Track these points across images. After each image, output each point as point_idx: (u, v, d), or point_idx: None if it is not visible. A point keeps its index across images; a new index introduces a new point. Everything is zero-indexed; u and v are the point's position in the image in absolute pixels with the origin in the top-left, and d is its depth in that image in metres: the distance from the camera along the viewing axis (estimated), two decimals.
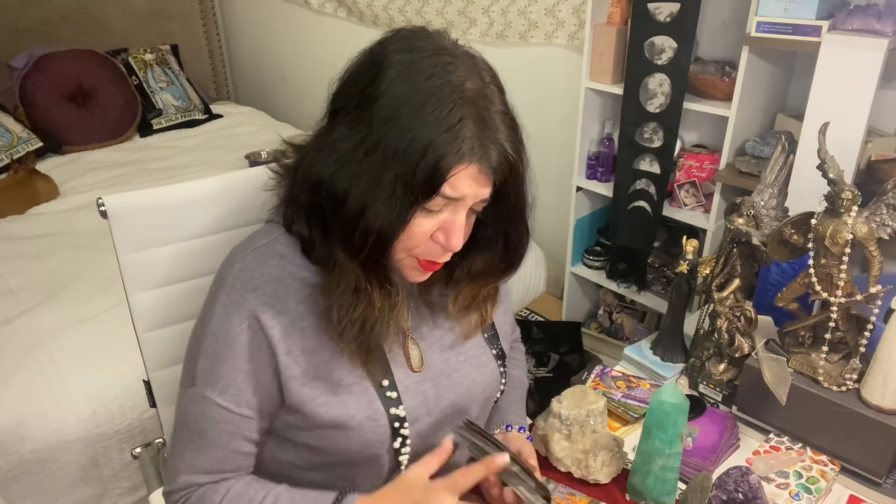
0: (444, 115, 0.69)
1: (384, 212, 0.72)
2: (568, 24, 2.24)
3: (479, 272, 0.88)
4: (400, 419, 0.85)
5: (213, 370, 0.80)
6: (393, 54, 0.73)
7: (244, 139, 3.09)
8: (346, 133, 0.74)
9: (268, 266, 0.81)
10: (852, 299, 1.01)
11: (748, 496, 0.88)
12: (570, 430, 1.00)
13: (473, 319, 0.92)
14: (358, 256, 0.75)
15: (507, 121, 0.74)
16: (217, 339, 0.80)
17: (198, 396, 0.81)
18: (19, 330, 1.71)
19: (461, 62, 0.73)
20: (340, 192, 0.73)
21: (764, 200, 1.16)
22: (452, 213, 0.75)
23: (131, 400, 1.60)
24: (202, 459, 0.83)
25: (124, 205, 0.95)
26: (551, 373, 2.10)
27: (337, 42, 3.16)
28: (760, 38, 1.55)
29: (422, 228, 0.75)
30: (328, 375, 0.82)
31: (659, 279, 2.14)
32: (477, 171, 0.72)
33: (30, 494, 1.53)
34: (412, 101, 0.70)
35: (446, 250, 0.78)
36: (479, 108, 0.71)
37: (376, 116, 0.71)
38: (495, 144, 0.72)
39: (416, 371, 0.88)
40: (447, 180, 0.71)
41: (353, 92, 0.75)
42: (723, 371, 1.18)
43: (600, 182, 2.13)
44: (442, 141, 0.69)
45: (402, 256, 0.79)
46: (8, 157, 2.62)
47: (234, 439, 0.82)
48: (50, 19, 3.13)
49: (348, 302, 0.77)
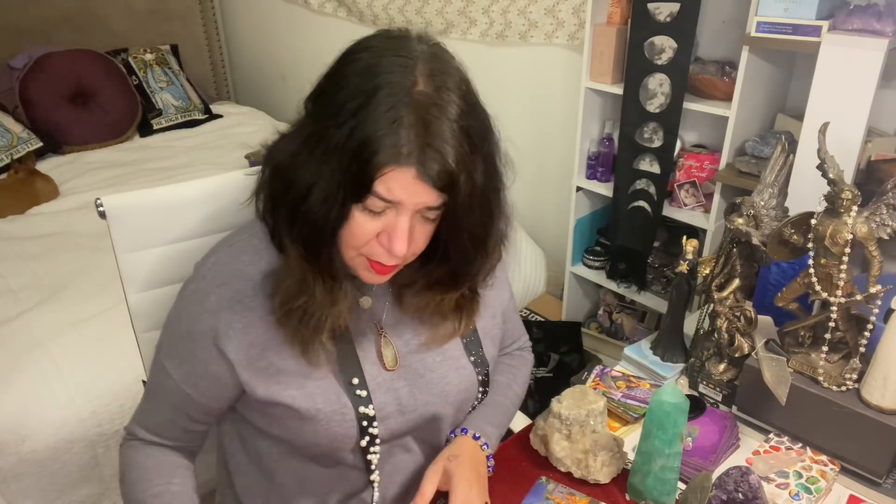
0: (385, 113, 0.68)
1: (320, 204, 0.72)
2: (568, 24, 2.24)
3: (433, 283, 0.87)
4: (368, 418, 0.85)
5: (172, 345, 0.86)
6: (357, 52, 0.75)
7: (244, 139, 3.08)
8: (305, 122, 0.76)
9: (240, 262, 0.83)
10: (852, 299, 1.01)
11: (748, 496, 0.88)
12: (570, 430, 1.00)
13: (447, 326, 0.90)
14: (300, 244, 0.76)
15: (458, 133, 0.71)
16: (180, 319, 0.85)
17: (159, 362, 0.88)
18: (19, 330, 1.71)
19: (423, 64, 0.71)
20: (290, 179, 0.75)
21: (764, 200, 1.16)
22: (395, 216, 0.74)
23: (131, 400, 1.60)
24: (148, 418, 0.92)
25: (123, 205, 0.95)
26: (551, 373, 2.10)
27: (337, 42, 3.12)
28: (760, 38, 1.55)
29: (364, 228, 0.74)
30: (296, 369, 0.83)
31: (659, 279, 2.14)
32: (413, 175, 0.70)
33: (30, 494, 1.53)
34: (361, 97, 0.69)
35: (390, 254, 0.76)
36: (426, 113, 0.69)
37: (328, 109, 0.72)
38: (435, 153, 0.69)
39: (389, 370, 0.88)
40: (378, 179, 0.69)
41: (322, 84, 0.77)
42: (723, 371, 1.18)
43: (600, 182, 2.13)
44: (378, 138, 0.68)
45: (353, 255, 0.78)
46: (8, 157, 2.62)
47: (176, 412, 0.88)
48: (50, 19, 3.13)
49: (292, 290, 0.78)
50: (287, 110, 4.05)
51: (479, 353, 0.96)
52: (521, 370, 1.10)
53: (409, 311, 0.90)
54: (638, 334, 2.27)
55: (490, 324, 0.98)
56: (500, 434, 1.01)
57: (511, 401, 1.05)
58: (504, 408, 1.03)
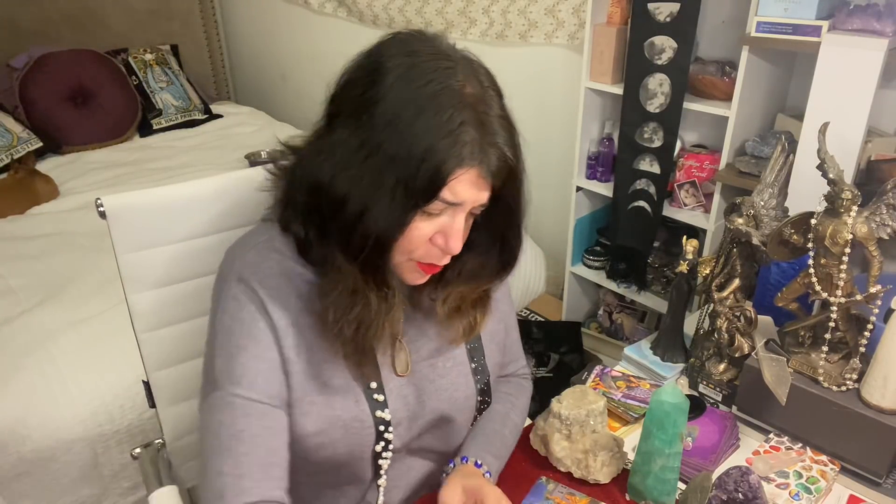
0: (445, 120, 0.69)
1: (384, 215, 0.71)
2: (568, 24, 2.24)
3: (471, 274, 0.87)
4: (385, 422, 0.85)
5: (233, 365, 0.77)
6: (392, 58, 0.73)
7: (244, 139, 3.09)
8: (346, 136, 0.73)
9: (270, 260, 0.81)
10: (852, 299, 1.01)
11: (748, 496, 0.88)
12: (570, 430, 1.00)
13: (462, 325, 0.89)
14: (357, 259, 0.75)
15: (506, 125, 0.74)
16: (233, 332, 0.78)
17: (224, 399, 0.76)
18: (19, 330, 1.71)
19: (460, 66, 0.73)
20: (340, 195, 0.73)
21: (764, 200, 1.16)
22: (451, 216, 0.75)
23: (131, 400, 1.60)
24: (246, 467, 0.74)
25: (123, 205, 0.95)
26: (551, 373, 2.10)
27: (337, 42, 3.16)
28: (760, 38, 1.55)
29: (421, 232, 0.75)
30: (319, 374, 0.82)
31: (659, 279, 2.14)
32: (476, 175, 0.72)
33: (30, 494, 1.53)
34: (412, 106, 0.70)
35: (445, 253, 0.78)
36: (478, 112, 0.71)
37: (377, 120, 0.71)
38: (494, 148, 0.72)
39: (400, 375, 0.88)
40: (447, 185, 0.71)
41: (352, 95, 0.75)
42: (723, 371, 1.18)
43: (600, 182, 2.13)
44: (442, 145, 0.69)
45: (402, 260, 0.79)
46: (8, 157, 2.62)
47: (273, 436, 0.77)
48: (50, 19, 3.13)
49: (345, 303, 0.77)
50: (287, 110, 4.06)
51: (480, 361, 0.95)
52: (519, 399, 1.06)
53: (423, 314, 0.90)
54: (638, 334, 2.27)
55: (496, 328, 0.98)
56: (501, 466, 0.97)
57: (510, 430, 1.01)
58: (502, 438, 0.99)
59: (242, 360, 0.77)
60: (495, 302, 0.95)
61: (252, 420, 0.76)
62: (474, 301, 0.89)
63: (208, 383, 0.80)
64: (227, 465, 0.74)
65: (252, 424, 0.76)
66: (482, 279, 0.88)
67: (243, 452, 0.75)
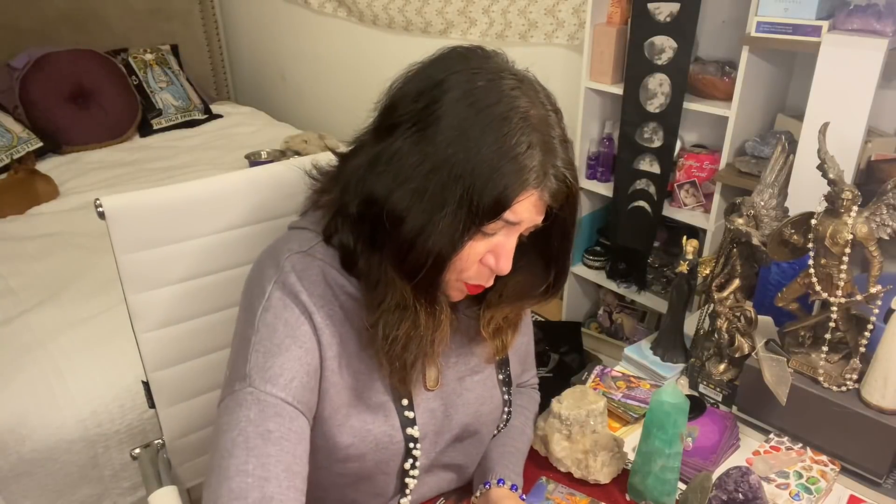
0: (513, 143, 0.69)
1: (444, 233, 0.70)
2: (568, 24, 2.24)
3: (518, 294, 0.87)
4: (414, 439, 0.84)
5: (271, 363, 0.74)
6: (454, 74, 0.72)
7: (244, 139, 3.09)
8: (407, 150, 0.71)
9: (314, 267, 0.78)
10: (852, 299, 1.01)
11: (748, 496, 0.88)
12: (570, 430, 1.00)
13: (495, 345, 0.89)
14: (411, 275, 0.73)
15: (566, 147, 0.74)
16: (276, 330, 0.75)
17: (255, 395, 0.72)
18: (19, 330, 1.71)
19: (525, 88, 0.73)
20: (399, 209, 0.71)
21: (764, 200, 1.16)
22: (506, 236, 0.75)
23: (131, 400, 1.60)
24: (272, 470, 0.69)
25: (122, 206, 0.95)
26: (551, 373, 2.10)
27: (337, 42, 3.16)
28: (760, 38, 1.55)
29: (475, 251, 0.74)
30: (356, 387, 0.81)
31: (659, 279, 2.14)
32: (538, 198, 0.72)
33: (30, 494, 1.53)
34: (479, 125, 0.69)
35: (494, 273, 0.77)
36: (543, 135, 0.71)
37: (441, 136, 0.69)
38: (556, 171, 0.72)
39: (429, 389, 0.87)
40: (511, 207, 0.70)
41: (413, 109, 0.72)
42: (723, 371, 1.18)
43: (600, 182, 2.13)
44: (509, 168, 0.69)
45: (452, 278, 0.78)
46: (8, 157, 2.62)
47: (300, 441, 0.74)
48: (50, 19, 3.13)
49: (394, 319, 0.76)
50: (287, 110, 4.05)
51: (506, 372, 0.96)
52: (531, 411, 1.07)
53: (456, 330, 0.88)
54: (638, 334, 2.27)
55: (519, 342, 0.98)
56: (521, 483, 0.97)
57: (526, 446, 1.02)
58: (523, 454, 1.01)
59: (281, 361, 0.74)
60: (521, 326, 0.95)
61: (283, 422, 0.72)
62: (512, 321, 0.89)
63: (237, 379, 0.75)
64: (251, 465, 0.69)
65: (282, 426, 0.72)
66: (528, 299, 0.88)
67: (271, 454, 0.70)
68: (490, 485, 0.91)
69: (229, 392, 0.74)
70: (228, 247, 1.04)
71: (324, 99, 3.33)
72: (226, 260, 1.05)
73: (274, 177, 1.04)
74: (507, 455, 0.96)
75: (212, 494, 0.69)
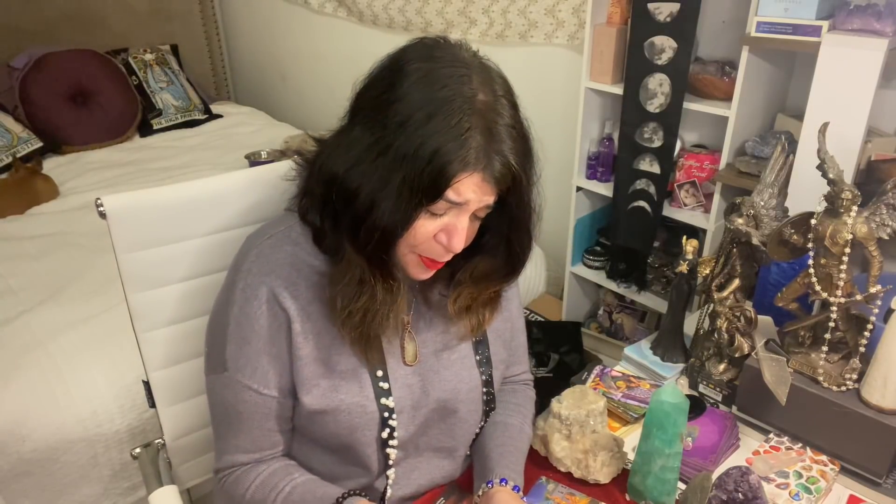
0: (454, 125, 0.72)
1: (390, 211, 0.75)
2: (568, 24, 2.24)
3: (481, 276, 0.91)
4: (389, 409, 0.88)
5: (240, 354, 0.85)
6: (412, 62, 0.76)
7: (244, 139, 3.09)
8: (362, 133, 0.77)
9: (283, 252, 0.85)
10: (852, 299, 1.01)
11: (748, 496, 0.88)
12: (570, 430, 1.00)
13: (470, 323, 0.93)
14: (364, 250, 0.79)
15: (515, 134, 0.77)
16: (240, 324, 0.85)
17: (231, 381, 0.86)
18: (19, 330, 1.71)
19: (476, 74, 0.76)
20: (352, 188, 0.77)
21: (764, 200, 1.16)
22: (455, 216, 0.79)
23: (131, 400, 1.60)
24: (241, 440, 0.90)
25: (123, 205, 0.95)
26: (551, 373, 2.10)
27: (337, 42, 3.16)
28: (760, 38, 1.55)
29: (425, 229, 0.78)
30: (327, 360, 0.86)
31: (659, 279, 2.14)
32: (480, 179, 0.75)
33: (30, 494, 1.53)
34: (425, 109, 0.73)
35: (448, 251, 0.81)
36: (487, 120, 0.74)
37: (390, 120, 0.74)
38: (499, 156, 0.75)
39: (408, 364, 0.92)
40: (451, 186, 0.74)
41: (372, 95, 0.78)
42: (723, 371, 1.18)
43: (600, 182, 2.13)
44: (449, 148, 0.72)
45: (406, 252, 0.82)
46: (8, 157, 2.62)
47: (266, 420, 0.88)
48: (50, 19, 3.13)
49: (352, 292, 0.81)
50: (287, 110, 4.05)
51: (485, 354, 0.97)
52: (528, 408, 1.08)
53: (433, 308, 0.93)
54: (638, 334, 2.27)
55: (502, 327, 1.00)
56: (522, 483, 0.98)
57: (526, 445, 1.04)
58: (523, 454, 1.02)
59: (247, 352, 0.85)
60: (505, 301, 0.98)
61: (249, 406, 0.87)
62: (485, 301, 0.93)
63: (217, 362, 0.88)
64: (228, 434, 0.90)
65: (249, 409, 0.87)
66: (491, 281, 0.91)
67: (241, 430, 0.89)
68: (493, 484, 0.92)
69: (212, 370, 0.90)
70: (229, 246, 1.03)
71: (324, 99, 3.32)
72: (226, 259, 1.04)
73: (274, 177, 1.04)
74: (507, 454, 0.97)
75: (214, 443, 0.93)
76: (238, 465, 0.91)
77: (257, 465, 0.91)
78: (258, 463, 0.91)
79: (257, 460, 0.91)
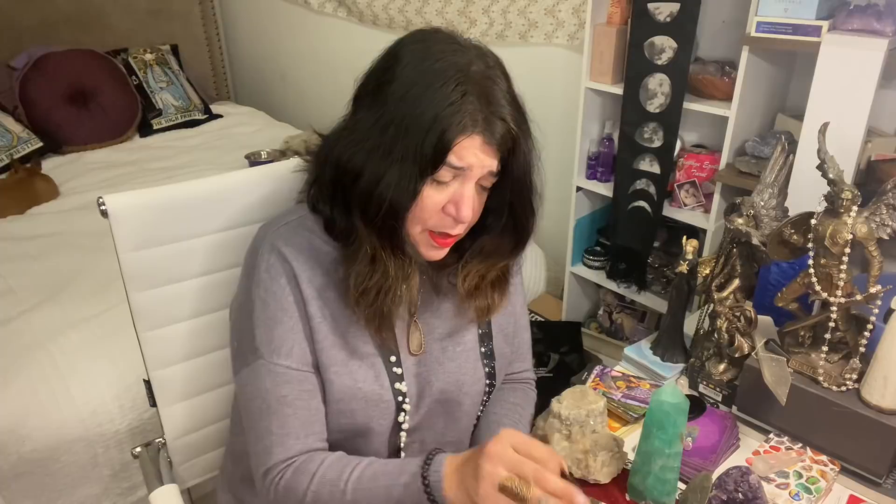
0: (450, 91, 0.75)
1: (396, 182, 0.77)
2: (568, 24, 2.24)
3: (489, 252, 0.92)
4: (402, 394, 0.90)
5: (272, 336, 0.85)
6: (407, 45, 0.81)
7: (244, 139, 3.09)
8: (364, 115, 0.81)
9: (300, 237, 0.87)
10: (852, 299, 1.01)
11: (748, 496, 0.88)
12: (570, 430, 1.00)
13: (478, 305, 0.93)
14: (374, 226, 0.81)
15: (510, 99, 0.80)
16: (267, 304, 0.85)
17: (268, 367, 0.85)
18: (19, 330, 1.71)
19: (469, 49, 0.79)
20: (358, 167, 0.80)
21: (764, 200, 1.16)
22: (461, 184, 0.80)
23: (131, 400, 1.60)
24: (290, 426, 0.85)
25: (125, 204, 0.95)
26: (551, 373, 2.10)
27: (337, 42, 3.16)
28: (760, 38, 1.55)
29: (432, 200, 0.80)
30: (344, 344, 0.87)
31: (659, 279, 2.14)
32: (481, 141, 0.78)
33: (30, 494, 1.53)
34: (421, 82, 0.76)
35: (457, 222, 0.82)
36: (482, 86, 0.77)
37: (390, 97, 0.78)
38: (497, 117, 0.78)
39: (413, 354, 0.93)
40: (452, 150, 0.76)
41: (371, 81, 0.82)
42: (723, 371, 1.18)
43: (600, 182, 2.13)
44: (446, 113, 0.75)
45: (417, 231, 0.83)
46: (8, 157, 2.62)
47: (312, 397, 0.86)
48: (50, 19, 3.13)
49: (365, 271, 0.83)
50: (287, 110, 4.05)
51: (489, 346, 0.99)
52: (527, 409, 1.08)
53: (441, 295, 0.94)
54: (638, 334, 2.27)
55: (506, 321, 1.01)
56: None
57: None
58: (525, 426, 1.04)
59: (279, 332, 0.85)
60: (510, 294, 0.98)
61: (293, 386, 0.85)
62: (493, 281, 0.94)
63: (249, 352, 0.86)
64: (274, 425, 0.85)
65: (293, 390, 0.85)
66: (498, 257, 0.93)
67: (288, 414, 0.85)
68: None
69: (244, 363, 0.87)
70: (230, 245, 1.04)
71: (324, 99, 3.32)
72: (227, 258, 1.05)
73: (275, 176, 1.04)
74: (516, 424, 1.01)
75: (252, 450, 0.87)
76: (293, 456, 0.84)
77: (313, 455, 0.85)
78: (314, 453, 0.85)
79: (310, 448, 0.85)
